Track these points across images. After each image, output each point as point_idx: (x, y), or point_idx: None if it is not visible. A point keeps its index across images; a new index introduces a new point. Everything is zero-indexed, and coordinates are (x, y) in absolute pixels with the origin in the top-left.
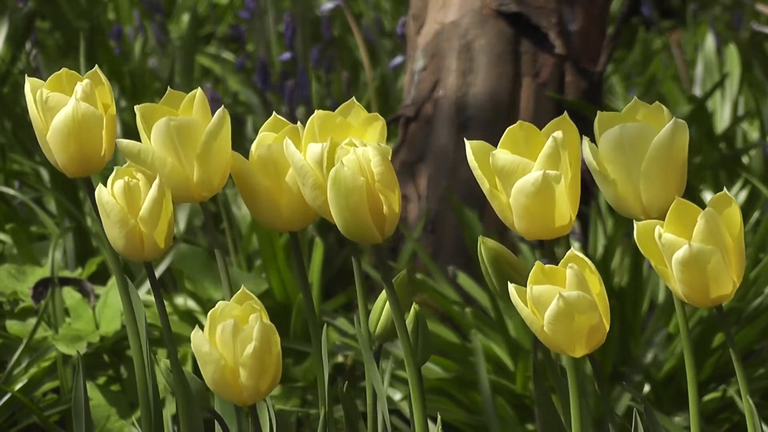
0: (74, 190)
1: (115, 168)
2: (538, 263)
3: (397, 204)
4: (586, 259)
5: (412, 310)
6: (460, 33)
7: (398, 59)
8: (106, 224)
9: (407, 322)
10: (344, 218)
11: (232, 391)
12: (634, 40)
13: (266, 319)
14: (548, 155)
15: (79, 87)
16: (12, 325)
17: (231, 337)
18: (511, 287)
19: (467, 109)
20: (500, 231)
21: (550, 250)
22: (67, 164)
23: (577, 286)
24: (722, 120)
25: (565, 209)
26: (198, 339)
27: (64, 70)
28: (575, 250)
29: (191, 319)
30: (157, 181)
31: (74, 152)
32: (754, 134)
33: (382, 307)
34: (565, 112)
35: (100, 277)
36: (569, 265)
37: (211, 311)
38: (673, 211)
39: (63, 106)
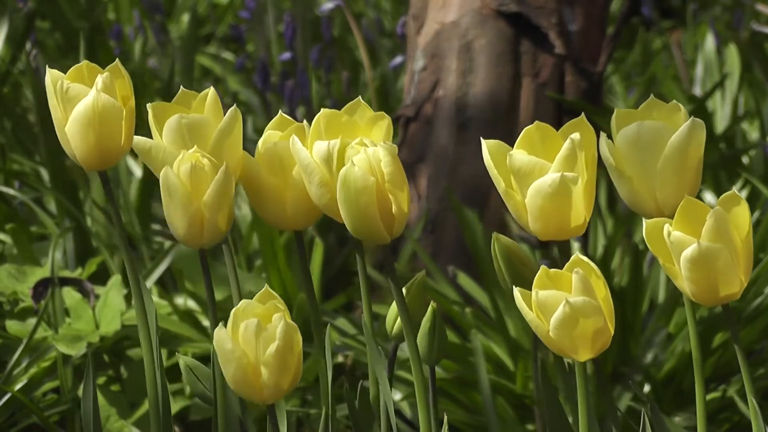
0: (74, 190)
1: (182, 152)
2: (543, 267)
3: (406, 203)
4: (592, 263)
5: (429, 309)
6: (460, 33)
7: (398, 59)
8: (168, 207)
9: (424, 320)
10: (353, 218)
11: (252, 389)
12: (634, 40)
13: (289, 319)
14: (566, 157)
15: (100, 79)
16: (12, 325)
17: (254, 335)
18: (516, 291)
19: (467, 109)
20: (500, 231)
21: (565, 251)
22: (85, 156)
23: (582, 291)
24: (722, 120)
25: (580, 210)
26: (221, 336)
27: (84, 62)
28: (575, 250)
29: (191, 319)
30: (223, 167)
31: (93, 144)
32: (754, 134)
33: None
34: (583, 114)
35: (100, 277)
36: (575, 269)
37: (234, 309)
38: (682, 210)
39: (83, 97)
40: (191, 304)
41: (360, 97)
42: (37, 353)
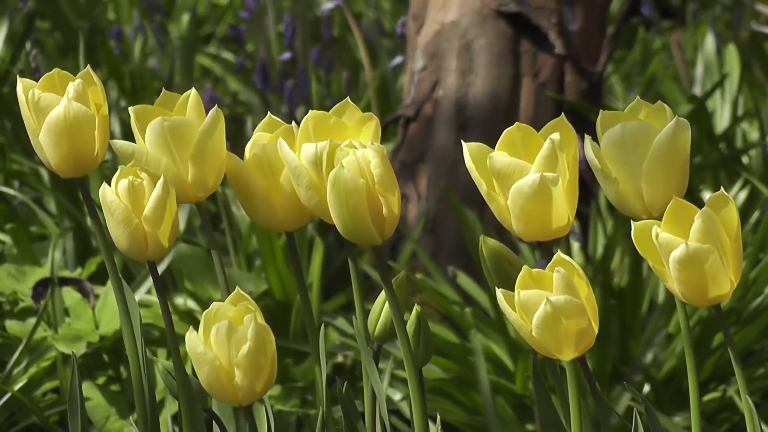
0: (74, 190)
1: (119, 167)
2: (525, 267)
3: (397, 205)
4: (574, 262)
5: (413, 311)
6: (460, 33)
7: (398, 59)
8: (110, 223)
9: (409, 323)
10: (344, 220)
11: (227, 391)
12: (634, 40)
13: (261, 320)
14: (545, 157)
15: (71, 87)
16: (12, 325)
17: (225, 337)
18: (499, 292)
19: (467, 109)
20: (500, 231)
21: (548, 250)
22: (59, 164)
23: (564, 290)
24: (722, 120)
25: (563, 211)
26: (192, 340)
27: (55, 70)
28: (575, 250)
29: (191, 319)
30: (161, 181)
31: (66, 152)
32: (754, 134)
33: (381, 308)
34: (563, 114)
35: (100, 277)
36: (556, 269)
37: (205, 312)
38: (671, 211)
39: (55, 106)
40: (191, 304)
41: (350, 97)
42: (36, 353)
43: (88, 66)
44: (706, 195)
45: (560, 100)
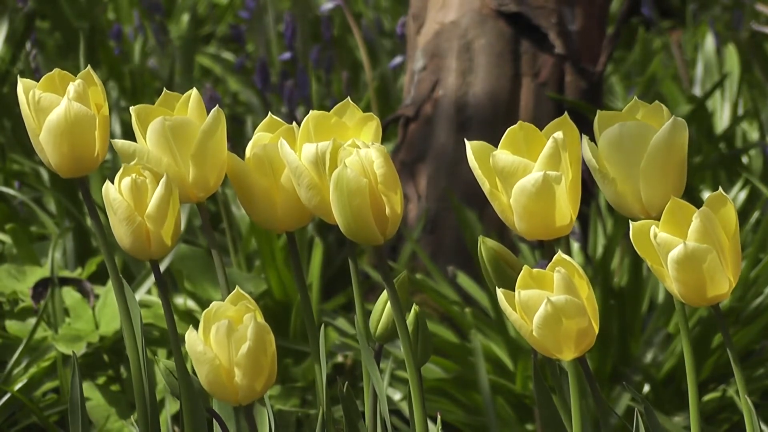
0: (74, 190)
1: (123, 165)
2: (525, 267)
3: (400, 205)
4: (574, 262)
5: (412, 310)
6: (460, 33)
7: (398, 59)
8: (113, 222)
9: (407, 322)
10: (346, 219)
11: (226, 391)
12: (634, 40)
13: (261, 319)
14: (549, 156)
15: (72, 87)
16: (12, 325)
17: (225, 337)
18: (500, 292)
19: (467, 109)
20: (500, 231)
21: (549, 250)
22: (59, 164)
23: (565, 290)
24: (722, 120)
25: (565, 209)
26: (192, 339)
27: (56, 70)
28: (575, 250)
29: (191, 319)
30: (164, 179)
31: (67, 152)
32: (754, 134)
33: (382, 308)
34: (566, 113)
35: (100, 277)
36: (556, 269)
37: (205, 311)
38: (669, 211)
39: (55, 106)
40: (191, 304)
41: (351, 98)
42: (36, 353)
43: (89, 66)
44: (706, 195)
45: (560, 100)
